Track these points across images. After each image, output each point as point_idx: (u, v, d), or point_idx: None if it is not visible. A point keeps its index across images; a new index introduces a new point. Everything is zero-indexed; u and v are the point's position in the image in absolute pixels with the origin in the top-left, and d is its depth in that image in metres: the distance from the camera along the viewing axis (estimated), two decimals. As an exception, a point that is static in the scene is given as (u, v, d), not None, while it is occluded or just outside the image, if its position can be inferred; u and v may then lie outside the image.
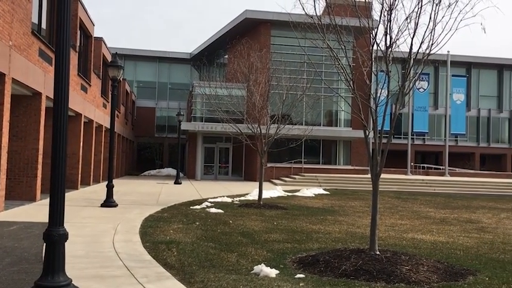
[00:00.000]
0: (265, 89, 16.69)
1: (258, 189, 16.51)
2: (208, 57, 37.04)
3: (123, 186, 23.34)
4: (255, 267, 6.72)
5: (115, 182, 16.23)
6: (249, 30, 33.48)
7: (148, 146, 45.08)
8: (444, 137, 39.32)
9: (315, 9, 7.87)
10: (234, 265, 7.02)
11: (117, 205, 14.20)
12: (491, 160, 46.80)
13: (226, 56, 37.64)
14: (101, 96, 25.82)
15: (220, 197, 17.96)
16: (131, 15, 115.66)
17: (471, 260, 7.94)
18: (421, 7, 7.09)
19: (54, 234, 4.93)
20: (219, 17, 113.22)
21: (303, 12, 8.14)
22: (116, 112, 21.95)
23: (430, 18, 7.10)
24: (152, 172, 41.63)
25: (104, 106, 26.62)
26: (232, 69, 19.83)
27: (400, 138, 41.37)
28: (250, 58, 17.28)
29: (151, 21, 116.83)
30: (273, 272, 6.45)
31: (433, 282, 6.24)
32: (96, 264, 6.83)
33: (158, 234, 9.47)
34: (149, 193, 20.00)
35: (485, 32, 6.89)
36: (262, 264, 6.77)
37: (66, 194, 13.39)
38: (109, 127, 18.10)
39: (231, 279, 6.17)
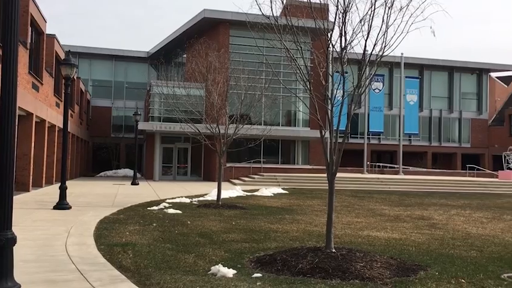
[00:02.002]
0: (223, 89, 16.66)
1: (216, 189, 16.46)
2: (166, 57, 36.58)
3: (77, 188, 22.69)
4: (212, 267, 6.70)
5: (69, 183, 15.76)
6: (207, 29, 33.31)
7: (104, 147, 44.03)
8: (399, 136, 40.46)
9: (271, 10, 7.92)
10: (191, 266, 6.97)
11: (71, 207, 13.80)
12: (443, 159, 48.56)
13: (185, 56, 37.30)
14: (54, 95, 25.00)
15: (179, 197, 17.78)
16: (87, 12, 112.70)
17: (422, 256, 8.21)
18: (374, 10, 7.27)
19: (1, 239, 4.74)
20: (178, 16, 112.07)
21: (260, 13, 8.18)
22: (70, 111, 21.31)
23: (383, 21, 7.30)
24: (109, 173, 40.71)
25: (57, 105, 25.81)
26: (190, 69, 19.66)
27: (357, 137, 42.25)
28: (208, 58, 17.19)
29: (107, 19, 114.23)
30: (230, 272, 6.45)
31: (386, 278, 6.42)
32: (47, 268, 6.60)
33: (114, 237, 9.28)
34: (105, 194, 19.54)
35: (434, 35, 7.14)
36: (220, 264, 6.76)
37: (17, 197, 12.79)
38: (62, 127, 17.57)
39: (187, 280, 6.13)
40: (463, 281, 6.52)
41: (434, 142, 46.37)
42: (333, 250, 7.31)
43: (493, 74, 49.39)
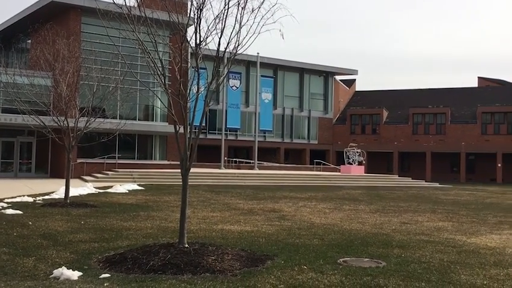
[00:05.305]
0: (73, 79, 15.56)
1: (65, 187, 15.36)
2: (5, 41, 32.96)
3: None
4: (54, 271, 6.25)
5: None
6: (56, 14, 30.74)
7: None
8: (255, 133, 42.19)
9: (124, -1, 7.62)
10: (30, 271, 6.41)
11: None
12: (294, 154, 51.97)
13: (29, 41, 33.99)
14: None
15: (20, 196, 16.20)
16: None
17: (271, 246, 8.69)
18: (228, 9, 7.44)
19: None
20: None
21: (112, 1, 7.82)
22: None
23: (236, 20, 7.51)
24: None
25: None
26: (34, 56, 17.97)
27: (215, 133, 42.95)
28: (56, 45, 15.90)
29: None
30: (75, 275, 6.08)
31: (236, 269, 6.65)
32: None
33: None
34: None
35: (283, 38, 7.56)
36: (64, 267, 6.34)
37: None
38: None
39: (25, 286, 5.62)
40: (305, 267, 7.04)
41: (286, 139, 49.34)
42: (186, 245, 7.33)
43: (337, 77, 54.30)
